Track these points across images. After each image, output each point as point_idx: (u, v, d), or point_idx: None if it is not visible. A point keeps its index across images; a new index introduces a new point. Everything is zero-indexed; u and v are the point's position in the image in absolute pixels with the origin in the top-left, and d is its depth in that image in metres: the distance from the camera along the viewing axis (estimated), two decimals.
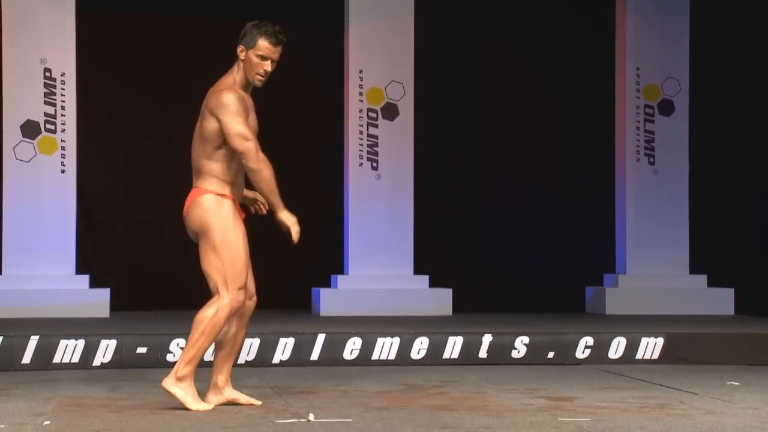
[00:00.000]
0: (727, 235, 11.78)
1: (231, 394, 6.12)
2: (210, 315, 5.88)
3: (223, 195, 5.97)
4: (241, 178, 6.05)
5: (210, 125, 5.94)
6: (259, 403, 6.14)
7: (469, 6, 12.04)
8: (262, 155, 5.89)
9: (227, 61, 6.11)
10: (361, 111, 11.02)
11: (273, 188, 5.93)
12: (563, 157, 12.13)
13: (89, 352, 7.97)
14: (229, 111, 5.87)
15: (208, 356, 6.57)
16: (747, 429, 5.48)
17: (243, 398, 6.13)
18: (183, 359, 5.90)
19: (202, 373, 6.11)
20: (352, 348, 8.38)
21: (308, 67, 11.38)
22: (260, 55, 5.96)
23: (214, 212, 5.95)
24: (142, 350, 8.05)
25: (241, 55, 6.01)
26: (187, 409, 5.88)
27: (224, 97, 5.91)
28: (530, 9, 12.10)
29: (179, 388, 5.89)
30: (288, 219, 5.94)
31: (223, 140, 5.93)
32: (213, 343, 6.01)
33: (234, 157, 5.96)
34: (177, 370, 5.89)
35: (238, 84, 6.02)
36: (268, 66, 5.99)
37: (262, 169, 5.88)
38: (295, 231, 5.94)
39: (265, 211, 6.20)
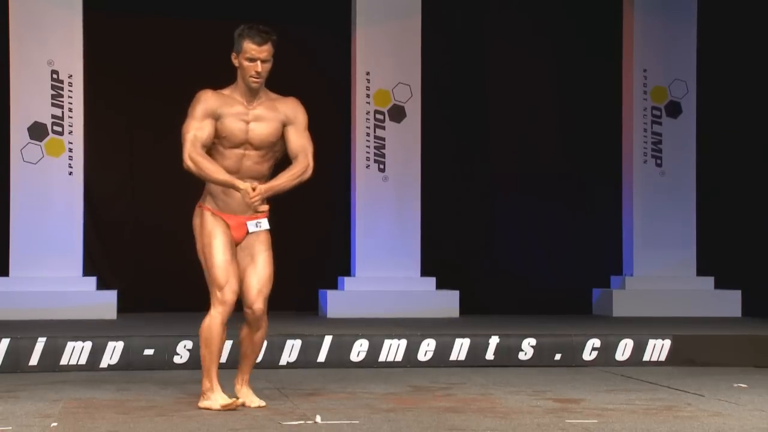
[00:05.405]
0: (734, 237, 11.77)
1: (244, 395, 6.18)
2: (203, 324, 6.04)
3: (201, 206, 6.16)
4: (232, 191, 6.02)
5: None
6: (264, 404, 6.14)
7: (476, 8, 12.03)
8: (192, 154, 5.95)
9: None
10: (368, 113, 11.02)
11: (214, 179, 5.97)
12: (570, 158, 12.11)
13: (96, 353, 7.98)
14: (189, 113, 6.07)
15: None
16: (754, 431, 5.48)
17: (252, 401, 6.14)
18: (202, 374, 6.05)
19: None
20: (359, 350, 8.37)
21: (315, 69, 11.38)
22: (248, 57, 6.04)
23: (195, 226, 6.16)
24: (149, 352, 8.07)
25: (235, 63, 6.12)
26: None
27: (194, 98, 6.10)
28: (538, 11, 12.10)
29: (207, 400, 6.02)
30: (243, 186, 5.90)
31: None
32: (218, 350, 6.02)
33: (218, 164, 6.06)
34: (202, 386, 6.05)
35: (239, 91, 6.11)
36: (258, 67, 6.04)
37: (190, 168, 5.99)
38: (252, 195, 5.88)
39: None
